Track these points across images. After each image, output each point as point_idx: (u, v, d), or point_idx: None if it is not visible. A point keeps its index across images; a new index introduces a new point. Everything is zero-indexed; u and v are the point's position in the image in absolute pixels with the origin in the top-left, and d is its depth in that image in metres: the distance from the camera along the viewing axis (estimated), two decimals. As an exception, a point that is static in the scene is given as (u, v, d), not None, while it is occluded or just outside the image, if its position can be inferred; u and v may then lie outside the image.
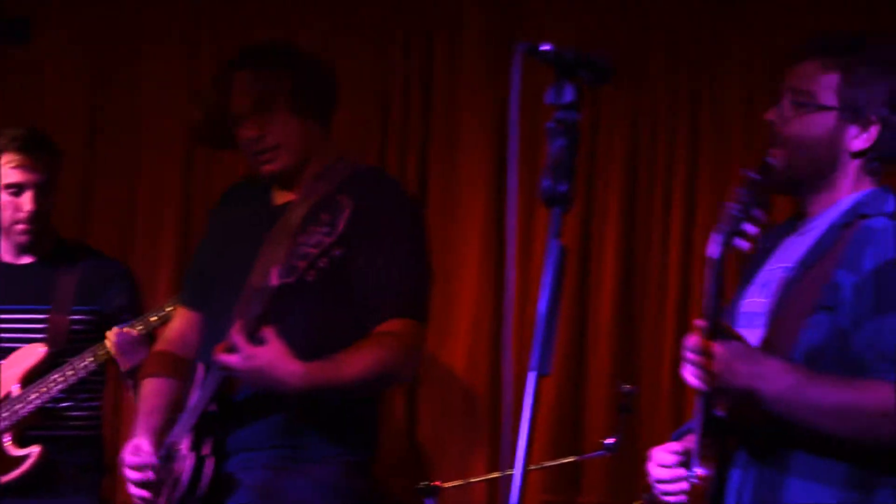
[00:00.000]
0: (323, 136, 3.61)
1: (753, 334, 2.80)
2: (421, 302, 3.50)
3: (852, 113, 2.84)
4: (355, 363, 3.34)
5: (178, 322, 3.82)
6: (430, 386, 5.45)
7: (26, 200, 4.32)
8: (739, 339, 2.72)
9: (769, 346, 2.77)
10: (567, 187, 2.31)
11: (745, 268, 2.98)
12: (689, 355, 2.69)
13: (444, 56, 5.56)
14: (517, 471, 2.19)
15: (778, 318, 2.81)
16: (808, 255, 2.83)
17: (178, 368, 3.71)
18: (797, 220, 2.94)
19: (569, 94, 2.34)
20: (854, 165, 2.87)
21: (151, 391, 3.72)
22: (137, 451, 3.54)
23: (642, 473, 2.96)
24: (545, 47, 2.34)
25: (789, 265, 2.85)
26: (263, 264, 3.38)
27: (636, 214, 5.38)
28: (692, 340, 2.69)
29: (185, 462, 3.41)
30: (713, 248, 2.69)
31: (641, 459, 3.02)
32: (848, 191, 2.87)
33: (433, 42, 5.58)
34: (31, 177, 4.32)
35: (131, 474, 3.53)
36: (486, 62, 5.50)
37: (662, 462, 2.89)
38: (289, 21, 5.58)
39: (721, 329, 2.69)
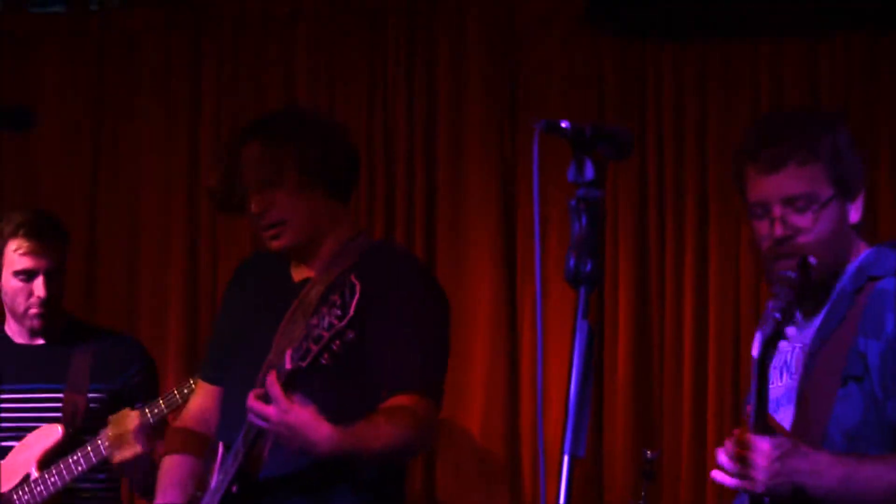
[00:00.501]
0: (338, 210, 3.52)
1: (785, 417, 2.77)
2: (432, 378, 3.43)
3: (846, 192, 2.88)
4: (378, 435, 3.28)
5: (200, 397, 3.73)
6: (447, 448, 5.41)
7: (38, 287, 4.28)
8: (787, 434, 2.69)
9: (802, 424, 2.76)
10: (592, 266, 2.28)
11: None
12: (735, 454, 2.66)
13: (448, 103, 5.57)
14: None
15: (807, 394, 2.79)
16: (823, 326, 2.82)
17: (199, 446, 3.63)
18: None
19: (590, 172, 2.32)
20: (853, 234, 2.91)
21: (172, 466, 3.64)
22: None
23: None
24: (564, 124, 2.32)
25: (806, 342, 2.83)
26: (280, 343, 3.35)
27: (649, 279, 5.36)
28: (739, 438, 2.66)
29: None
30: (756, 349, 2.68)
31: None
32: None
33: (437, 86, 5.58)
34: (42, 263, 4.27)
35: None
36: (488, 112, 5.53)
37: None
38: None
39: (768, 425, 2.67)
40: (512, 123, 5.51)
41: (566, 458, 2.21)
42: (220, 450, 3.44)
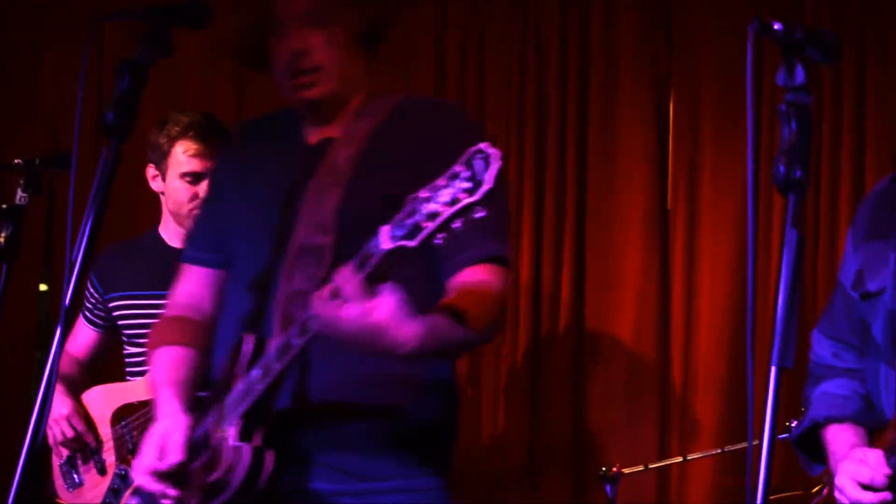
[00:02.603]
0: (368, 70, 3.09)
1: None
2: (505, 246, 2.95)
3: None
4: (463, 320, 2.75)
5: (188, 283, 3.20)
6: (596, 366, 5.37)
7: (203, 190, 4.14)
8: None
9: None
10: (802, 173, 2.22)
11: None
12: None
13: (600, 32, 5.49)
14: (762, 469, 2.10)
15: None
16: None
17: (196, 336, 3.12)
18: None
19: (800, 76, 2.25)
20: None
21: (172, 361, 3.08)
22: (162, 452, 2.90)
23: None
24: (777, 26, 2.24)
25: None
26: (310, 216, 2.90)
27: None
28: None
29: (241, 455, 2.81)
30: None
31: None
32: None
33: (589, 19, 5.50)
34: (209, 165, 4.16)
35: (156, 485, 2.90)
36: (641, 37, 5.44)
37: (865, 480, 2.77)
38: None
39: None
40: (668, 38, 5.43)
41: (774, 370, 2.15)
42: (249, 344, 2.89)
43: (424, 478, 2.95)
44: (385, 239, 2.50)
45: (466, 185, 2.41)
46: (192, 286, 3.19)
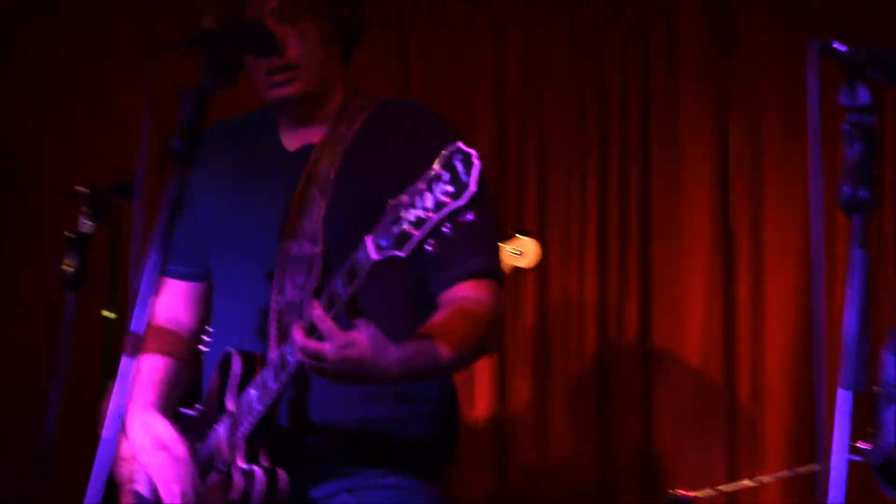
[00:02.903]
0: (343, 69, 3.00)
1: None
2: (498, 260, 2.87)
3: None
4: (451, 342, 2.69)
5: (166, 297, 3.16)
6: (663, 388, 5.35)
7: None
8: None
9: None
10: (868, 193, 2.20)
11: None
12: None
13: (661, 51, 5.48)
14: (833, 492, 2.08)
15: None
16: None
17: (178, 348, 3.12)
18: None
19: (864, 97, 2.23)
20: None
21: (152, 368, 3.08)
22: (163, 443, 2.93)
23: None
24: (840, 47, 2.23)
25: None
26: (295, 224, 2.84)
27: None
28: None
29: (254, 479, 2.78)
30: None
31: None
32: None
33: (649, 39, 5.49)
34: None
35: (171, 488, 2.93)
36: (703, 57, 5.43)
37: None
38: (501, 18, 5.55)
39: None
40: (728, 64, 5.43)
41: (844, 393, 2.13)
42: (238, 363, 2.85)
43: (420, 482, 2.90)
44: (372, 250, 2.44)
45: (449, 188, 2.33)
46: (171, 299, 3.16)
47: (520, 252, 4.67)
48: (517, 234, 4.70)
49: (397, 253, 2.40)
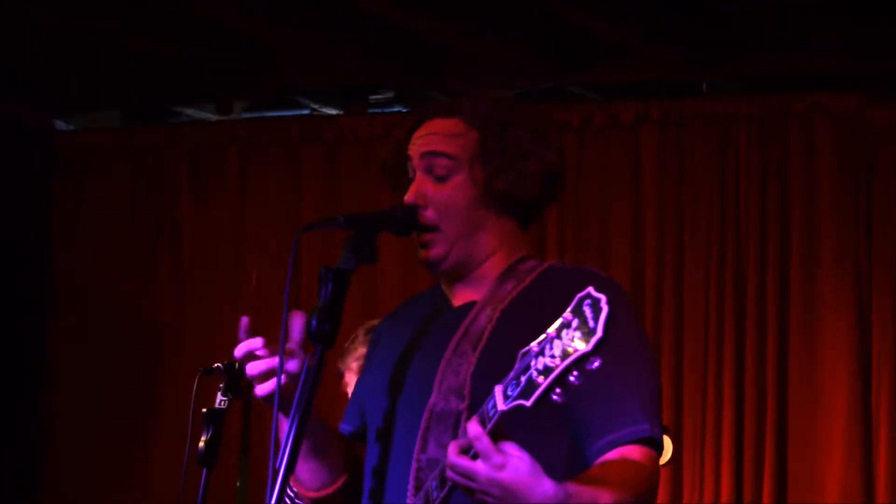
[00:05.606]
0: (513, 229, 2.84)
1: None
2: (659, 427, 2.70)
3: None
4: (610, 490, 2.53)
5: None
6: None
7: None
8: None
9: None
10: None
11: None
12: None
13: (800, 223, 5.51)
14: None
15: None
16: None
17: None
18: None
19: None
20: None
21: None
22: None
23: None
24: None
25: None
26: (446, 381, 2.73)
27: None
28: None
29: None
30: None
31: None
32: None
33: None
34: None
35: None
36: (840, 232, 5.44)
37: None
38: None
39: None
40: (868, 228, 5.42)
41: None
42: None
43: None
44: (500, 399, 2.38)
45: (577, 333, 2.26)
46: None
47: None
48: None
49: (523, 402, 2.33)
